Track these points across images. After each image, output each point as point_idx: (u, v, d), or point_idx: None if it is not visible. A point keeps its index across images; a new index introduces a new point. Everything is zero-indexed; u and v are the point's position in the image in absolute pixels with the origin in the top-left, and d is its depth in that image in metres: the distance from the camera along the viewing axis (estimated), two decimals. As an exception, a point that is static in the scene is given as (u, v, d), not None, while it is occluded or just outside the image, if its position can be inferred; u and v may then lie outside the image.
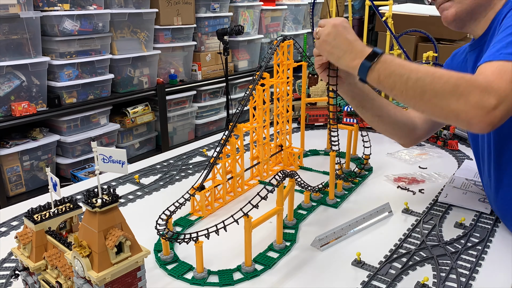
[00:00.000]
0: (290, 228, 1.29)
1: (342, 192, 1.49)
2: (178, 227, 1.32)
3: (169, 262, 1.14)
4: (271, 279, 1.08)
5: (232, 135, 1.41)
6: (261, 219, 1.09)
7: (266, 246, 1.20)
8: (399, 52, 2.59)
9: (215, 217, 1.38)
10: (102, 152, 0.83)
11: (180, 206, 1.29)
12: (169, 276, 1.09)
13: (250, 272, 1.08)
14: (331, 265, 1.13)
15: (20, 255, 0.96)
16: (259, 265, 1.12)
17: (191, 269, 1.11)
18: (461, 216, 1.31)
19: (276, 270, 1.11)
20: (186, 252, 1.17)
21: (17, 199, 2.81)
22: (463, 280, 1.04)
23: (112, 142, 3.42)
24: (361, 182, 1.59)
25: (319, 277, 1.08)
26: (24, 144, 2.86)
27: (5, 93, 2.74)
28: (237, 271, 1.10)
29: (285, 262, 1.14)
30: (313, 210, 1.40)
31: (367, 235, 1.26)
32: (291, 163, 1.74)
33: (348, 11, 2.96)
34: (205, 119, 4.12)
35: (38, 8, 2.83)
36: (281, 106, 1.65)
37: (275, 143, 1.71)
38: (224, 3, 4.06)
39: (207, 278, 1.07)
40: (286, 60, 1.61)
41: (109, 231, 0.82)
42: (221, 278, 1.07)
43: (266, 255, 1.16)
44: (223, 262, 1.14)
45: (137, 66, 3.47)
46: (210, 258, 1.13)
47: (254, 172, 1.63)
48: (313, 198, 1.46)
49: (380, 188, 1.56)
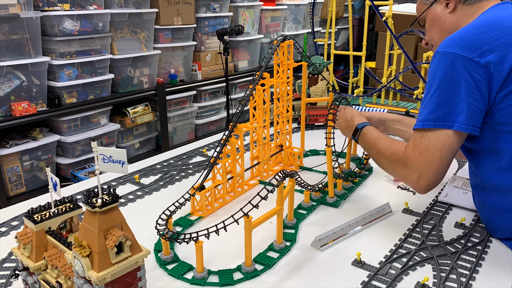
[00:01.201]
0: (290, 228, 1.29)
1: (342, 192, 1.49)
2: (178, 227, 1.32)
3: (169, 262, 1.14)
4: (271, 279, 1.08)
5: (232, 135, 1.41)
6: (261, 219, 1.09)
7: (266, 246, 1.20)
8: (399, 52, 2.59)
9: (215, 217, 1.38)
10: (102, 152, 0.83)
11: (180, 206, 1.29)
12: (169, 276, 1.10)
13: (250, 272, 1.09)
14: (331, 265, 1.13)
15: (20, 255, 0.96)
16: (259, 265, 1.12)
17: (191, 269, 1.11)
18: (461, 216, 1.31)
19: (276, 270, 1.11)
20: (186, 252, 1.17)
21: (17, 199, 2.81)
22: (463, 280, 1.04)
23: (112, 142, 3.42)
24: (361, 182, 1.59)
25: (319, 277, 1.08)
26: (24, 144, 2.86)
27: (5, 93, 2.74)
28: (237, 271, 1.10)
29: (285, 262, 1.14)
30: (313, 209, 1.40)
31: (367, 235, 1.26)
32: (291, 163, 1.75)
33: (348, 11, 2.96)
34: (205, 119, 4.12)
35: (38, 8, 2.83)
36: (281, 106, 1.65)
37: (275, 143, 1.71)
38: (224, 3, 4.06)
39: (207, 278, 1.08)
40: (286, 60, 1.61)
41: (109, 231, 0.82)
42: (221, 278, 1.07)
43: (266, 255, 1.16)
44: (223, 262, 1.14)
45: (137, 66, 3.47)
46: (210, 258, 1.13)
47: (254, 172, 1.63)
48: (313, 198, 1.46)
49: (380, 188, 1.56)
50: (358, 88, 2.85)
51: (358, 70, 3.01)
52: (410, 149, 1.13)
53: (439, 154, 1.09)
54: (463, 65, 1.07)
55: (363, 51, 2.77)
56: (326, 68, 1.88)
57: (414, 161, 1.12)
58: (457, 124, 1.07)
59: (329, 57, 3.09)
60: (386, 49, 2.66)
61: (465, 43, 1.08)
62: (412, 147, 1.13)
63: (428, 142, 1.10)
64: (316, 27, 5.04)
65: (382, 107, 2.24)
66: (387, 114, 1.60)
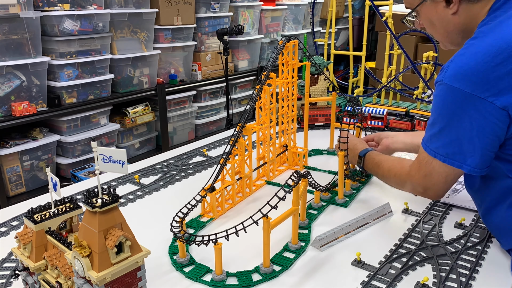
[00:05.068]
0: (303, 228, 1.28)
1: (351, 192, 1.50)
2: (190, 229, 1.31)
3: (186, 264, 1.13)
4: (290, 280, 1.07)
5: (241, 135, 1.40)
6: (279, 219, 1.08)
7: (282, 246, 1.19)
8: (399, 52, 2.59)
9: (225, 218, 1.37)
10: (102, 152, 0.83)
11: (192, 208, 1.27)
12: (188, 279, 1.09)
13: (269, 273, 1.08)
14: (331, 265, 1.13)
15: (20, 255, 0.96)
16: (276, 266, 1.12)
17: (209, 271, 1.10)
18: (461, 216, 1.31)
19: (294, 271, 1.11)
20: (201, 255, 1.17)
21: (17, 199, 2.81)
22: (463, 280, 1.04)
23: (112, 142, 3.42)
24: (368, 181, 1.60)
25: (319, 277, 1.08)
26: (24, 144, 2.86)
27: (5, 93, 2.74)
28: (255, 272, 1.10)
29: (302, 262, 1.14)
30: (324, 209, 1.40)
31: (367, 235, 1.26)
32: (296, 163, 1.74)
33: (348, 11, 2.96)
34: (205, 119, 4.12)
35: (38, 8, 2.83)
36: (285, 106, 1.65)
37: (280, 143, 1.71)
38: (224, 3, 4.06)
39: (226, 280, 1.07)
40: (291, 61, 1.61)
41: (109, 231, 0.82)
42: (240, 280, 1.07)
43: (283, 255, 1.16)
44: (240, 264, 1.13)
45: (137, 66, 3.47)
46: (227, 260, 1.13)
47: (260, 172, 1.63)
48: (322, 198, 1.46)
49: (380, 188, 1.55)
50: (358, 88, 2.85)
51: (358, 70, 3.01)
52: (415, 169, 1.12)
53: (443, 180, 1.07)
54: (474, 107, 0.94)
55: (363, 51, 2.77)
56: (326, 68, 1.87)
57: (419, 181, 1.12)
58: (467, 167, 1.01)
59: (329, 57, 3.09)
60: (386, 49, 2.66)
61: (477, 77, 0.93)
62: (418, 168, 1.11)
63: (433, 169, 1.07)
64: (316, 27, 5.04)
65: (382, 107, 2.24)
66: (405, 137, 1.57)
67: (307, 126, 1.79)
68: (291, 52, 1.59)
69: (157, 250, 1.19)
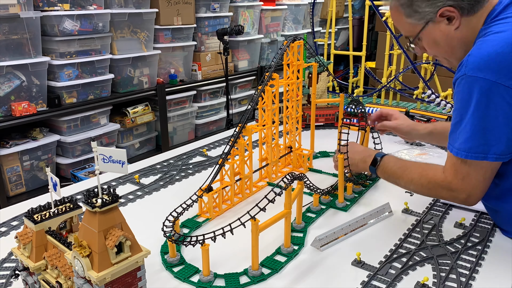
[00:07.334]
0: (298, 232, 1.27)
1: (352, 195, 1.47)
2: (185, 229, 1.31)
3: (176, 264, 1.13)
4: (278, 284, 1.07)
5: (241, 136, 1.39)
6: (269, 222, 1.07)
7: (274, 249, 1.18)
8: (399, 52, 2.60)
9: (223, 219, 1.37)
10: (102, 152, 0.83)
11: (187, 207, 1.27)
12: (175, 279, 1.08)
13: (257, 276, 1.07)
14: (331, 265, 1.13)
15: (20, 255, 0.96)
16: (266, 269, 1.11)
17: (197, 272, 1.10)
18: (461, 216, 1.31)
19: (283, 275, 1.10)
20: (192, 255, 1.16)
21: (17, 199, 2.81)
22: (463, 280, 1.04)
23: (112, 142, 3.42)
24: (373, 185, 1.57)
25: (319, 277, 1.08)
26: (24, 144, 2.86)
27: (5, 93, 2.74)
28: (244, 274, 1.09)
29: (293, 266, 1.13)
30: (322, 213, 1.39)
31: (367, 235, 1.26)
32: (300, 165, 1.72)
33: (348, 11, 2.96)
34: (205, 119, 4.12)
35: (38, 8, 2.83)
36: (290, 107, 1.62)
37: (284, 145, 1.69)
38: (224, 3, 4.06)
39: (214, 281, 1.07)
40: (296, 61, 1.59)
41: (109, 231, 0.82)
42: (227, 282, 1.06)
43: (274, 259, 1.15)
44: (230, 266, 1.13)
45: (137, 66, 3.47)
46: (217, 261, 1.12)
47: (262, 173, 1.62)
48: (322, 201, 1.44)
49: (380, 188, 1.55)
50: (358, 88, 2.85)
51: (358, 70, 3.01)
52: (451, 174, 1.11)
53: (482, 178, 1.07)
54: (500, 95, 0.97)
55: (363, 51, 2.77)
56: (326, 68, 1.87)
57: (458, 186, 1.10)
58: (492, 156, 1.03)
59: (329, 57, 3.09)
60: (386, 49, 2.66)
61: (499, 66, 0.96)
62: (453, 173, 1.10)
63: (469, 168, 1.07)
64: (316, 27, 5.04)
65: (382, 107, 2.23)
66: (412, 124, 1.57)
67: (313, 127, 1.75)
68: (296, 53, 1.58)
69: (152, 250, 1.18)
